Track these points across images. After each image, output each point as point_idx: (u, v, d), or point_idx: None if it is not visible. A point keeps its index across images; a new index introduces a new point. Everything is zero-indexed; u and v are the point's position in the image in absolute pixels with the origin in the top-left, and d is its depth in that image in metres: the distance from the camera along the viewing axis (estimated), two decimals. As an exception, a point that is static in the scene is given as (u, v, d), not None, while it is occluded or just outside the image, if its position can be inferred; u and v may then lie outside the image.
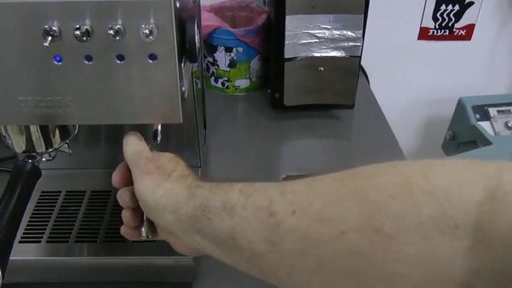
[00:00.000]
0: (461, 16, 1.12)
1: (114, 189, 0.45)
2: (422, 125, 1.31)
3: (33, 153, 0.49)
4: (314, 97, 0.89)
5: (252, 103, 0.96)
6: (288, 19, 0.80)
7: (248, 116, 0.95)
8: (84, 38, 0.38)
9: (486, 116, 1.04)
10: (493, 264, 0.26)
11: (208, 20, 0.91)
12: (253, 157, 0.83)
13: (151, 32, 0.38)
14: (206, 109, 0.77)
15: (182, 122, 0.44)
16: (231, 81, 0.96)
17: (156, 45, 0.39)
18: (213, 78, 0.97)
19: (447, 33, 1.15)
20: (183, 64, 0.44)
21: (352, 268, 0.31)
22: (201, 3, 0.74)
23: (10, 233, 0.42)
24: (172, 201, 0.38)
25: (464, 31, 1.15)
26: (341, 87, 0.87)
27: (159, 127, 0.48)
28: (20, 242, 0.56)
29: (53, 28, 0.38)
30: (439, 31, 1.14)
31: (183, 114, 0.44)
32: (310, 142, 0.87)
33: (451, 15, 1.12)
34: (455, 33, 1.15)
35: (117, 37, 0.38)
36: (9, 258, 0.42)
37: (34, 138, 0.48)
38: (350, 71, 0.86)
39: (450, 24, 1.13)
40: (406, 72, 1.21)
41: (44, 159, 0.51)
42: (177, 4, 0.40)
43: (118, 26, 0.38)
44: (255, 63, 0.95)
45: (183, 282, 0.58)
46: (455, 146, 1.11)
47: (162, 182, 0.39)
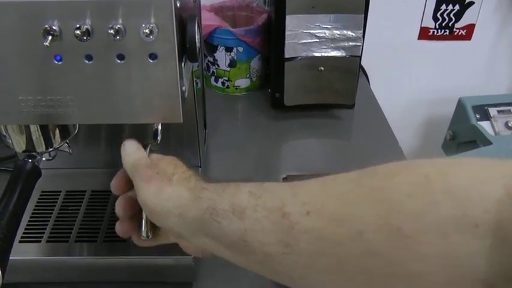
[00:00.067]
0: (461, 16, 1.12)
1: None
2: (422, 125, 1.31)
3: (33, 152, 0.49)
4: (314, 97, 0.89)
5: (252, 103, 0.96)
6: (289, 19, 0.80)
7: (248, 116, 0.95)
8: (84, 38, 0.38)
9: (486, 116, 1.04)
10: None
11: (208, 20, 0.91)
12: (253, 157, 0.83)
13: (151, 32, 0.38)
14: (206, 109, 0.77)
15: (182, 122, 0.44)
16: (231, 80, 0.96)
17: (157, 44, 0.39)
18: (213, 77, 0.97)
19: (447, 33, 1.15)
20: (184, 64, 0.44)
21: (370, 268, 0.31)
22: (202, 2, 0.74)
23: (10, 233, 0.42)
24: (177, 204, 0.38)
25: (464, 31, 1.15)
26: (341, 87, 0.87)
27: (159, 127, 0.48)
28: (20, 242, 0.56)
29: (53, 27, 0.38)
30: (439, 31, 1.14)
31: (183, 113, 0.44)
32: (310, 142, 0.87)
33: (451, 15, 1.12)
34: (455, 33, 1.15)
35: (117, 37, 0.38)
36: (9, 258, 0.42)
37: (34, 137, 0.48)
38: (350, 71, 0.86)
39: (450, 24, 1.13)
40: (406, 72, 1.21)
41: (44, 158, 0.51)
42: (178, 4, 0.40)
43: (118, 26, 0.38)
44: (255, 63, 0.95)
45: (183, 282, 0.58)
46: (455, 146, 1.11)
47: (164, 187, 0.39)
